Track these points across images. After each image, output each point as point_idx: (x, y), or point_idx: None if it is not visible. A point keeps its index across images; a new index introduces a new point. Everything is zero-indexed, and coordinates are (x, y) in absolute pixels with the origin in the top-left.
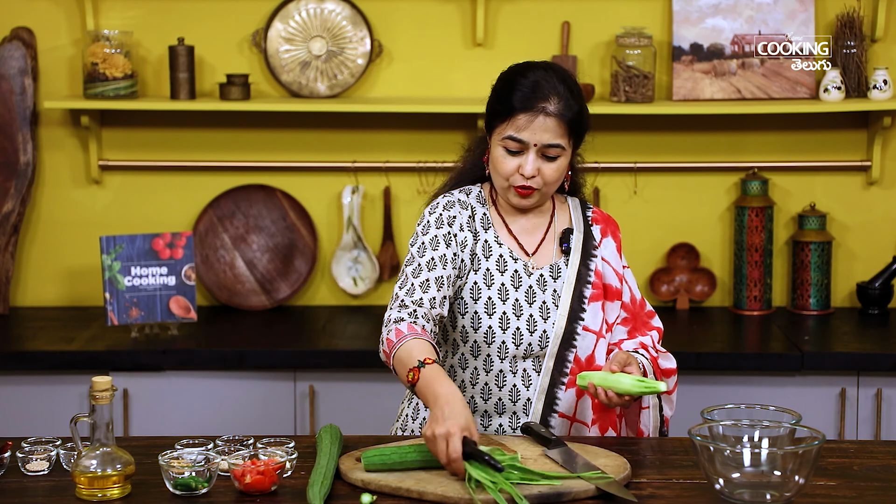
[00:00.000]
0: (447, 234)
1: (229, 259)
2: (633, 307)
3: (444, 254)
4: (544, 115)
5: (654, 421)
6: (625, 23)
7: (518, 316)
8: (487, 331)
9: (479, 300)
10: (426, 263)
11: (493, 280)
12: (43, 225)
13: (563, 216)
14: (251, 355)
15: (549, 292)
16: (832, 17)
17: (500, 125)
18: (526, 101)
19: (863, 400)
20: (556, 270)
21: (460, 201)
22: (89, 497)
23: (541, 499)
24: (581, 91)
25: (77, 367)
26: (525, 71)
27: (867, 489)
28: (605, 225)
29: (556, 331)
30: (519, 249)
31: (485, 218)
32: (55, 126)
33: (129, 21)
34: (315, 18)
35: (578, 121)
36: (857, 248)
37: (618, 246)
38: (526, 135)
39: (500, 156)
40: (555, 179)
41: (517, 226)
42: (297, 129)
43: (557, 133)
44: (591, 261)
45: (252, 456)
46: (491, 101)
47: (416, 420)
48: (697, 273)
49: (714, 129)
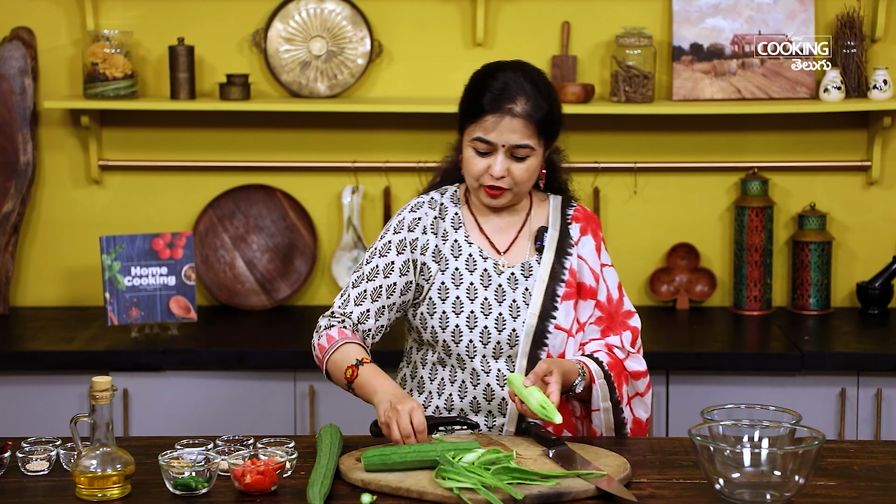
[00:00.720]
0: (402, 241)
1: (229, 259)
2: (609, 306)
3: (391, 261)
4: (511, 117)
5: (608, 423)
6: (625, 23)
7: (486, 315)
8: (454, 330)
9: (447, 300)
10: (369, 272)
11: (461, 279)
12: (43, 225)
13: (541, 214)
14: (251, 355)
15: (521, 291)
16: (832, 17)
17: (469, 126)
18: (494, 103)
19: (863, 400)
20: (527, 269)
21: (431, 200)
22: (89, 497)
23: (541, 499)
24: (552, 90)
25: (77, 367)
26: (495, 72)
27: (867, 489)
28: (586, 223)
29: (527, 329)
30: (490, 248)
31: (456, 217)
32: (55, 126)
33: (129, 21)
34: (315, 18)
35: (548, 120)
36: (857, 248)
37: (597, 244)
38: (493, 136)
39: (470, 156)
40: (525, 179)
41: (490, 225)
42: (297, 129)
43: (525, 134)
44: (565, 259)
45: (252, 456)
46: (462, 102)
47: None
48: (697, 273)
49: (714, 129)
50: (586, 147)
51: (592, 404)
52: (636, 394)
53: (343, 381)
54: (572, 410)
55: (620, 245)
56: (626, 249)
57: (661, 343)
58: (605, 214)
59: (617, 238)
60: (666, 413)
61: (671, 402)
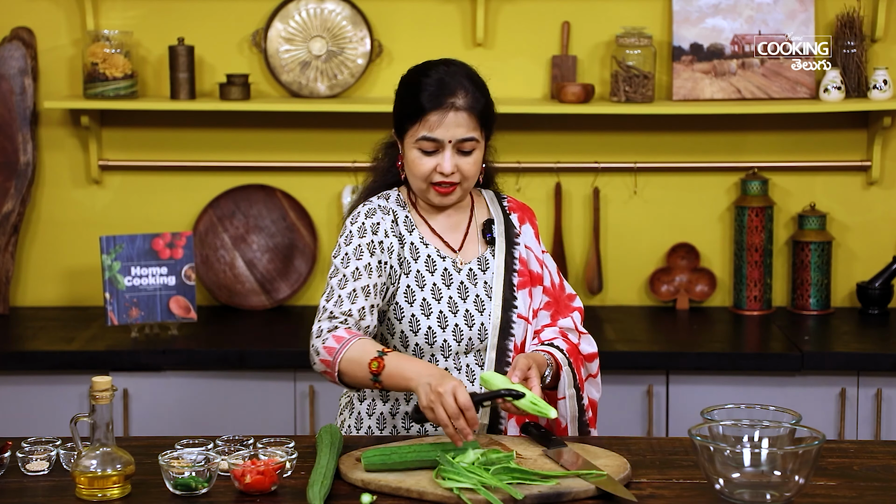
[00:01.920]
0: (371, 243)
1: (229, 259)
2: (554, 291)
3: (368, 262)
4: (454, 111)
5: (572, 411)
6: (625, 23)
7: (454, 313)
8: (427, 332)
9: (415, 302)
10: (351, 274)
11: (424, 281)
12: (43, 225)
13: (482, 209)
14: (251, 355)
15: (481, 285)
16: (832, 17)
17: (411, 127)
18: (434, 100)
19: (863, 400)
20: (483, 263)
21: (381, 207)
22: (89, 497)
23: (541, 499)
24: (485, 84)
25: (77, 367)
26: (427, 70)
27: (867, 489)
28: (522, 213)
29: (494, 321)
30: (445, 247)
31: (407, 220)
32: (55, 126)
33: (129, 21)
34: (315, 18)
35: (487, 112)
36: (857, 248)
37: (535, 232)
38: (439, 132)
39: (416, 158)
40: (473, 174)
41: (440, 224)
42: (297, 129)
43: (470, 126)
44: (514, 248)
45: (252, 456)
46: (398, 106)
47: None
48: (697, 273)
49: (714, 129)
50: (586, 147)
51: (559, 392)
52: (589, 375)
53: (367, 376)
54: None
55: (620, 245)
56: (626, 249)
57: (661, 343)
58: (605, 214)
59: (617, 238)
60: (666, 413)
61: (671, 402)
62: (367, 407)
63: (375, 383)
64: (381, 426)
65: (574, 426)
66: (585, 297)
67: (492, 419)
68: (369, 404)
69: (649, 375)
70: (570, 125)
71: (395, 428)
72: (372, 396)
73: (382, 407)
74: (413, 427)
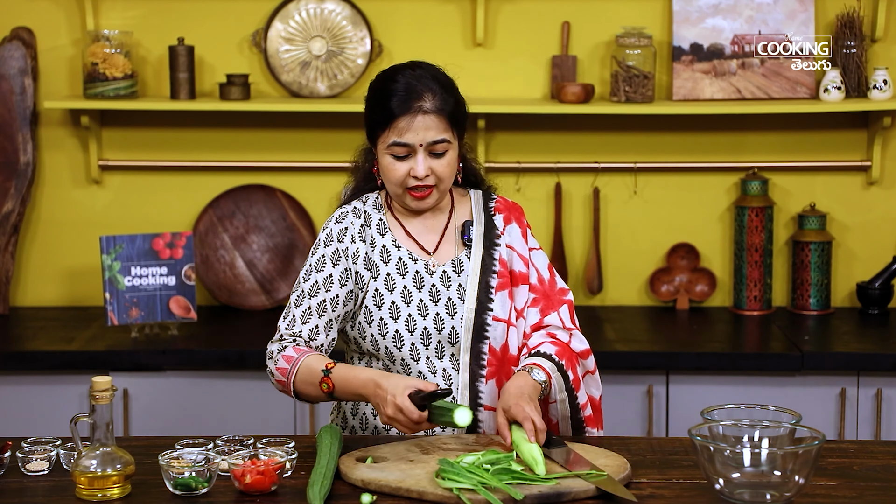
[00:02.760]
0: (335, 252)
1: (229, 259)
2: (542, 287)
3: (329, 274)
4: (423, 114)
5: (563, 412)
6: (625, 23)
7: (424, 316)
8: (395, 335)
9: (383, 306)
10: (309, 289)
11: (394, 284)
12: (43, 225)
13: (464, 210)
14: (251, 355)
15: (454, 288)
16: (832, 17)
17: (382, 133)
18: (402, 105)
19: (863, 400)
20: (458, 265)
21: (355, 209)
22: (89, 497)
23: (541, 499)
24: (453, 83)
25: (77, 367)
26: (394, 75)
27: (867, 489)
28: (509, 213)
29: (466, 324)
30: (419, 250)
31: (381, 223)
32: (55, 126)
33: (129, 21)
34: (315, 18)
35: (457, 112)
36: (857, 248)
37: (523, 231)
38: (409, 137)
39: (389, 164)
40: (447, 175)
41: (415, 226)
42: (297, 129)
43: (440, 128)
44: (494, 250)
45: (252, 456)
46: (367, 112)
47: (345, 430)
48: (697, 273)
49: (714, 129)
50: (586, 147)
51: (550, 397)
52: (586, 372)
53: (323, 396)
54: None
55: (620, 245)
56: (626, 249)
57: (661, 343)
58: (605, 214)
59: (617, 238)
60: (666, 413)
61: (671, 402)
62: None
63: (332, 400)
64: (363, 426)
65: (566, 424)
66: (585, 297)
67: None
68: (353, 405)
69: (649, 375)
70: (570, 125)
71: (375, 428)
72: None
73: (365, 408)
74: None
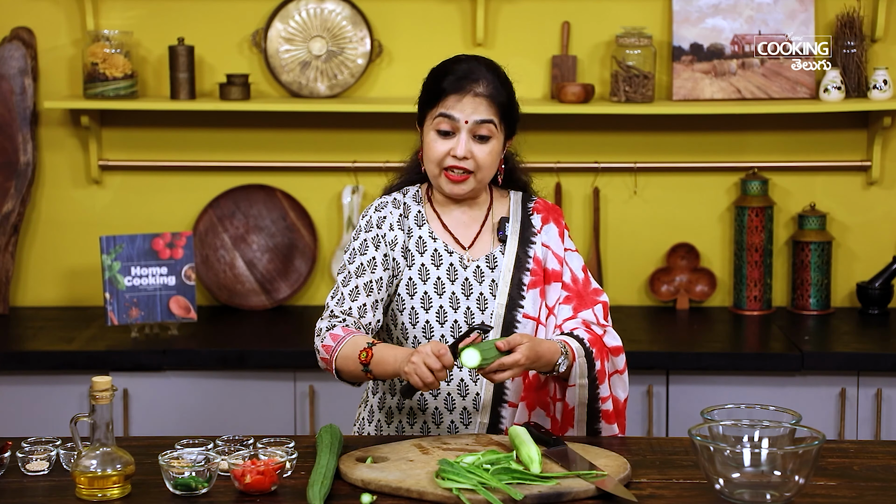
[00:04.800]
0: (375, 237)
1: (229, 259)
2: (575, 286)
3: (373, 257)
4: (474, 95)
5: (581, 398)
6: (625, 23)
7: (455, 309)
8: (425, 325)
9: (416, 295)
10: (355, 270)
11: (428, 275)
12: (43, 225)
13: (502, 208)
14: (251, 355)
15: (487, 283)
16: (832, 17)
17: (431, 110)
18: (456, 84)
19: (863, 400)
20: (492, 260)
21: (394, 200)
22: (89, 497)
23: (541, 499)
24: (510, 84)
25: (77, 367)
26: (457, 60)
27: (867, 489)
28: (547, 213)
29: (496, 319)
30: (454, 243)
31: (419, 215)
32: (55, 126)
33: (129, 21)
34: (315, 18)
35: (509, 106)
36: (857, 248)
37: (560, 231)
38: (457, 111)
39: (432, 140)
40: (487, 164)
41: (452, 219)
42: (297, 129)
43: (489, 111)
44: (529, 247)
45: (252, 456)
46: (422, 93)
47: (371, 423)
48: (697, 273)
49: (714, 129)
50: (586, 147)
51: (570, 380)
52: (615, 371)
53: (359, 368)
54: (548, 391)
55: (620, 245)
56: (626, 249)
57: (661, 343)
58: (605, 214)
59: (617, 238)
60: (666, 413)
61: (671, 402)
62: (378, 400)
63: (367, 374)
64: (388, 420)
65: (583, 411)
66: None
67: (492, 419)
68: (380, 399)
69: (649, 375)
70: (570, 125)
71: (400, 423)
72: (383, 390)
73: (391, 401)
74: (416, 423)
